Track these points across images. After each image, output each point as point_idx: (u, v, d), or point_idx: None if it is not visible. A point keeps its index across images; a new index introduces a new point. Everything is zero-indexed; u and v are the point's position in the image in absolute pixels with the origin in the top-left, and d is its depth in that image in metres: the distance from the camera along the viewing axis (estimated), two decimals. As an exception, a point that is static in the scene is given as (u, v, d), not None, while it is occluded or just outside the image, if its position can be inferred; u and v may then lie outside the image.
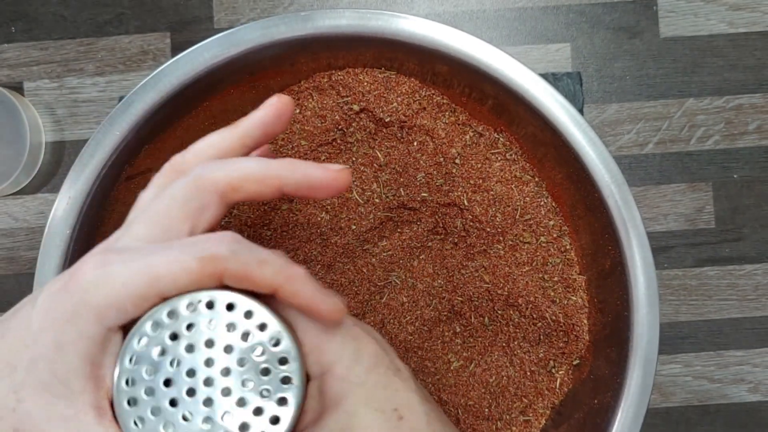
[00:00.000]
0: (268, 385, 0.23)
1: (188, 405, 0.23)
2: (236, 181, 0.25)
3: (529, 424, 0.45)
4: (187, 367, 0.23)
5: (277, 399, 0.23)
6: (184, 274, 0.23)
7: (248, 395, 0.23)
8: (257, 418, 0.23)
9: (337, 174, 0.25)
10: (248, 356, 0.23)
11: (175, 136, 0.45)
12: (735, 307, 0.55)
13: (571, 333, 0.45)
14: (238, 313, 0.24)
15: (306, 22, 0.42)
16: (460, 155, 0.46)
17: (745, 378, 0.55)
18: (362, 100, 0.45)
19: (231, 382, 0.23)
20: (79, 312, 0.23)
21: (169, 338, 0.23)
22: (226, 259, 0.23)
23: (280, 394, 0.23)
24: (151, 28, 0.55)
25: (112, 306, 0.23)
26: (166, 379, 0.23)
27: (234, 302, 0.24)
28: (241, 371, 0.23)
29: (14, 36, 0.55)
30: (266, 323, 0.24)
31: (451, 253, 0.47)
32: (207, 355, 0.23)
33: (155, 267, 0.23)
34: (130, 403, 0.23)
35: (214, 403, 0.23)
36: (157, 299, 0.23)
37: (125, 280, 0.23)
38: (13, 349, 0.23)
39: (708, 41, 0.55)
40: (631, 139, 0.55)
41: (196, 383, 0.23)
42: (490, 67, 0.42)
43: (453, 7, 0.55)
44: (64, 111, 0.55)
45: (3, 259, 0.55)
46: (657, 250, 0.55)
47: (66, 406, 0.22)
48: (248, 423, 0.23)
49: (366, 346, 0.26)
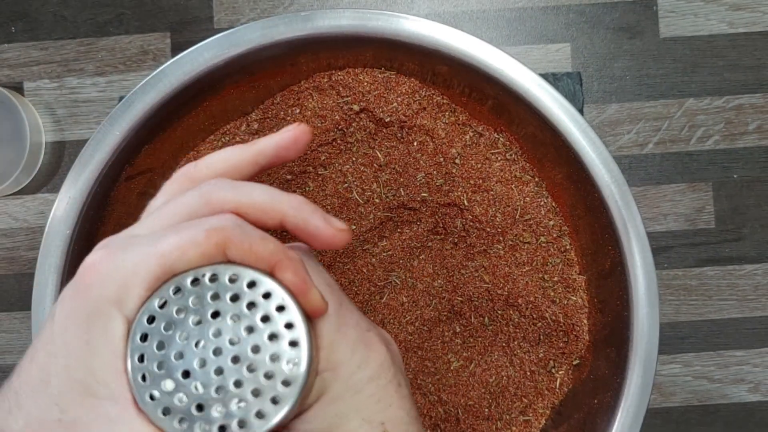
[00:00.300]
0: (277, 350, 0.24)
1: (200, 375, 0.23)
2: (243, 206, 0.25)
3: (529, 424, 0.45)
4: (196, 340, 0.23)
5: (287, 360, 0.24)
6: (192, 247, 0.23)
7: (258, 362, 0.24)
8: (269, 382, 0.23)
9: (336, 232, 0.26)
10: (255, 324, 0.24)
11: (175, 136, 0.45)
12: (735, 307, 0.55)
13: (571, 333, 0.45)
14: (241, 284, 0.24)
15: (306, 22, 0.42)
16: (460, 155, 0.46)
17: (745, 378, 0.55)
18: (362, 100, 0.45)
19: (240, 350, 0.24)
20: (99, 307, 0.23)
21: (176, 313, 0.24)
22: (232, 229, 0.24)
23: (290, 356, 0.24)
24: (151, 28, 0.55)
25: (128, 293, 0.23)
26: (177, 352, 0.23)
27: (238, 274, 0.24)
28: (249, 339, 0.24)
29: (14, 36, 0.55)
30: (271, 292, 0.24)
31: (451, 253, 0.47)
32: (215, 326, 0.24)
33: (162, 245, 0.23)
34: (144, 379, 0.23)
35: (225, 371, 0.23)
36: (167, 277, 0.24)
37: (135, 264, 0.23)
38: (44, 365, 0.23)
39: (708, 41, 0.55)
40: (631, 139, 0.55)
41: (206, 354, 0.23)
42: (491, 68, 0.42)
43: (453, 7, 0.55)
44: (64, 111, 0.55)
45: (3, 259, 0.55)
46: (657, 250, 0.55)
47: (110, 405, 0.23)
48: (259, 390, 0.23)
49: (375, 356, 0.26)
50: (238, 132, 0.47)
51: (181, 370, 0.23)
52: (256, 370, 0.23)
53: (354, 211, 0.46)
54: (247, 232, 0.24)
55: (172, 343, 0.23)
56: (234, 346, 0.23)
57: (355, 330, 0.26)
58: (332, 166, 0.47)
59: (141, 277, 0.23)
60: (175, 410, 0.23)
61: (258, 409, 0.23)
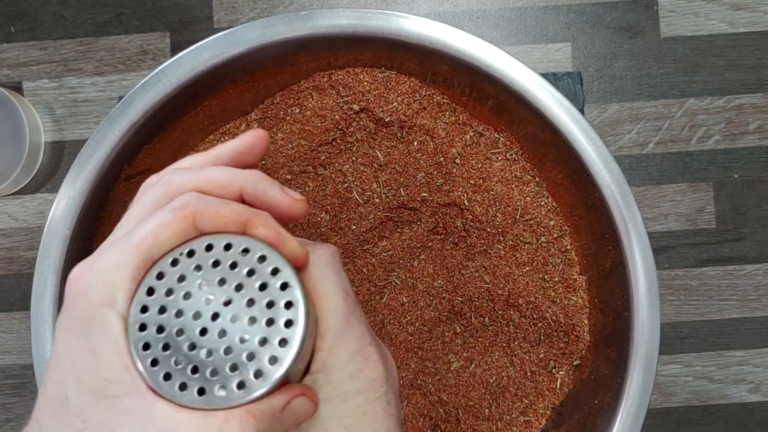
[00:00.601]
0: (272, 296, 0.24)
1: (205, 342, 0.24)
2: (203, 185, 0.26)
3: (530, 424, 0.45)
4: (192, 312, 0.24)
5: (284, 301, 0.24)
6: (163, 228, 0.24)
7: (256, 313, 0.24)
8: (273, 328, 0.24)
9: (293, 201, 0.27)
10: (243, 280, 0.24)
11: (174, 136, 0.45)
12: (735, 307, 0.55)
13: (572, 333, 0.45)
14: (218, 249, 0.25)
15: (306, 21, 0.42)
16: (460, 155, 0.46)
17: (746, 378, 0.54)
18: (362, 100, 0.45)
19: (237, 307, 0.24)
20: (92, 313, 0.24)
21: (165, 295, 0.24)
22: (195, 202, 0.24)
23: (285, 297, 0.24)
24: (150, 27, 0.55)
25: (115, 290, 0.24)
26: (178, 329, 0.24)
27: (212, 242, 0.25)
28: (240, 295, 0.24)
29: (14, 36, 0.55)
30: (249, 247, 0.25)
31: (451, 253, 0.47)
32: (205, 295, 0.24)
33: (135, 236, 0.24)
34: (155, 363, 0.23)
35: (228, 331, 0.24)
36: (149, 263, 0.24)
37: (115, 262, 0.24)
38: (58, 384, 0.24)
39: (708, 41, 0.55)
40: (632, 139, 0.55)
41: (206, 321, 0.24)
42: (491, 67, 0.42)
43: (453, 7, 0.55)
44: (64, 111, 0.55)
45: (2, 259, 0.55)
46: (657, 250, 0.54)
47: (128, 400, 0.23)
48: (266, 337, 0.24)
49: (370, 369, 0.27)
50: (237, 132, 0.47)
51: (187, 344, 0.24)
52: (257, 320, 0.24)
53: (354, 211, 0.46)
54: (211, 201, 0.25)
55: (170, 323, 0.24)
56: (229, 306, 0.24)
57: (357, 341, 0.27)
58: (332, 165, 0.47)
59: (123, 271, 0.24)
60: (192, 382, 0.23)
61: (269, 355, 0.24)
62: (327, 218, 0.46)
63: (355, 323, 0.27)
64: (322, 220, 0.46)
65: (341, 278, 0.28)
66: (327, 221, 0.46)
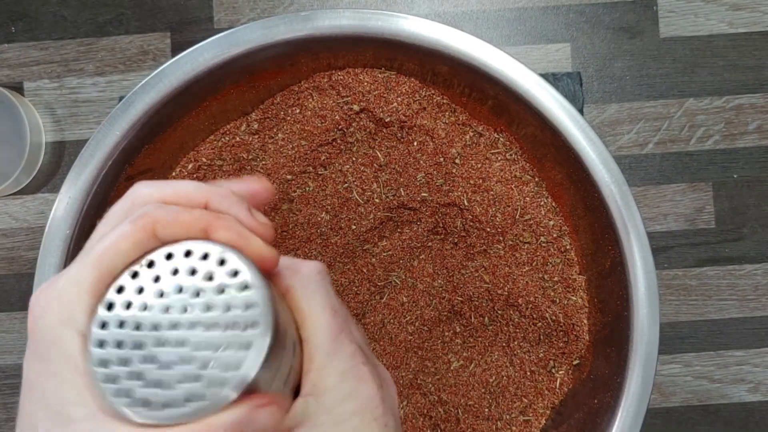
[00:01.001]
0: (231, 299, 0.24)
1: (164, 355, 0.23)
2: (168, 196, 0.25)
3: (529, 424, 0.45)
4: (150, 323, 0.23)
5: (245, 305, 0.24)
6: (122, 240, 0.23)
7: (215, 319, 0.23)
8: (229, 333, 0.23)
9: (258, 225, 0.26)
10: (201, 285, 0.24)
11: (174, 136, 0.45)
12: (735, 307, 0.55)
13: (571, 333, 0.45)
14: (178, 257, 0.24)
15: (306, 22, 0.42)
16: (460, 155, 0.46)
17: (745, 378, 0.55)
18: (362, 100, 0.45)
19: (195, 313, 0.23)
20: (51, 335, 0.23)
21: (125, 309, 0.24)
22: (155, 210, 0.24)
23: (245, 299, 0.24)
24: (151, 28, 0.55)
25: (72, 307, 0.23)
26: (136, 342, 0.23)
27: (171, 252, 0.24)
28: (198, 302, 0.24)
29: (14, 36, 0.55)
30: (209, 252, 0.24)
31: (451, 253, 0.47)
32: (162, 303, 0.24)
33: (95, 250, 0.23)
34: (113, 381, 0.23)
35: (186, 341, 0.23)
36: (109, 278, 0.24)
37: (73, 279, 0.23)
38: (29, 415, 0.23)
39: (708, 41, 0.55)
40: (631, 139, 0.55)
41: (163, 332, 0.23)
42: (491, 68, 0.42)
43: (453, 7, 0.55)
44: (64, 111, 0.55)
45: (3, 259, 0.55)
46: (657, 250, 0.55)
47: (87, 424, 0.22)
48: (227, 343, 0.23)
49: (364, 390, 0.26)
50: (238, 132, 0.47)
51: (146, 358, 0.23)
52: (217, 325, 0.23)
53: (354, 211, 0.46)
54: (170, 208, 0.24)
55: (129, 337, 0.23)
56: (187, 314, 0.23)
57: (349, 360, 0.26)
58: (332, 166, 0.47)
59: (81, 286, 0.23)
60: (152, 398, 0.23)
61: (230, 361, 0.23)
62: (327, 218, 0.46)
63: (345, 342, 0.26)
64: (322, 220, 0.46)
65: (329, 296, 0.27)
66: (327, 221, 0.46)
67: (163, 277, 0.24)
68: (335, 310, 0.26)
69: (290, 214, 0.46)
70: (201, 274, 0.24)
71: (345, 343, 0.26)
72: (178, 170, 0.47)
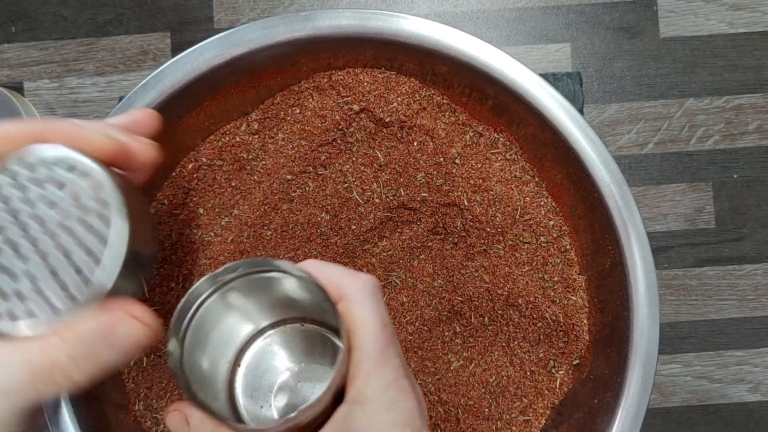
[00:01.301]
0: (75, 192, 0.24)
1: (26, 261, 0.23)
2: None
3: (529, 424, 0.45)
4: (11, 234, 0.24)
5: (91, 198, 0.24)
6: None
7: (72, 224, 0.24)
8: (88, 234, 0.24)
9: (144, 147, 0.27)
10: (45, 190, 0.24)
11: (174, 136, 0.45)
12: (735, 307, 0.55)
13: (571, 333, 0.45)
14: (16, 168, 0.24)
15: (306, 22, 0.42)
16: (460, 155, 0.46)
17: (745, 378, 0.55)
18: (362, 100, 0.45)
19: (42, 210, 0.24)
20: None
21: None
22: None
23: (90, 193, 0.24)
24: (151, 28, 0.55)
25: None
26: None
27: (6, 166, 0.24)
28: (57, 210, 0.24)
29: (14, 36, 0.55)
30: (43, 157, 0.24)
31: (451, 253, 0.47)
32: (8, 210, 0.24)
33: None
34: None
35: (38, 242, 0.23)
36: None
37: None
38: None
39: (708, 41, 0.55)
40: (631, 139, 0.55)
41: (18, 240, 0.23)
42: (491, 68, 0.42)
43: (453, 8, 0.55)
44: (64, 111, 0.55)
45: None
46: (657, 250, 0.55)
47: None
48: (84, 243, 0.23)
49: (405, 403, 0.26)
50: (238, 132, 0.47)
51: (8, 267, 0.23)
52: (73, 229, 0.23)
53: (354, 211, 0.46)
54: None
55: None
56: (47, 223, 0.24)
57: (394, 372, 0.26)
58: (332, 165, 0.47)
59: None
60: (17, 307, 0.23)
61: (90, 260, 0.23)
62: (327, 218, 0.46)
63: (392, 355, 0.27)
64: (322, 220, 0.46)
65: (381, 309, 0.27)
66: (327, 221, 0.46)
67: (2, 186, 0.24)
68: (385, 324, 0.27)
69: (290, 214, 0.46)
70: (40, 174, 0.24)
71: (391, 356, 0.27)
72: (177, 170, 0.47)
